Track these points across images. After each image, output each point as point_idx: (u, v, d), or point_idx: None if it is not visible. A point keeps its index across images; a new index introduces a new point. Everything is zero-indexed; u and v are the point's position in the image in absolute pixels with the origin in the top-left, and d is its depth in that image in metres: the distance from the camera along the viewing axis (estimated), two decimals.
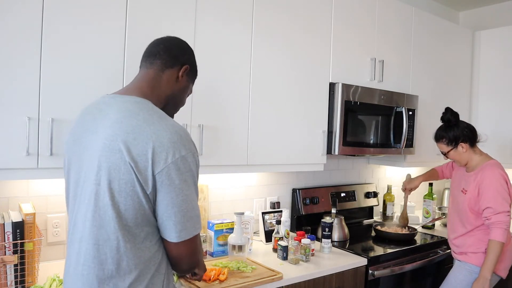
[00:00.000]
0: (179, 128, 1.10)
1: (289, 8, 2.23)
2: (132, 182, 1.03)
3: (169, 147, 1.04)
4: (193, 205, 1.09)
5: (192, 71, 1.29)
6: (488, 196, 2.10)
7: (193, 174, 1.09)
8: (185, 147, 1.07)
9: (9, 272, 1.55)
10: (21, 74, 1.47)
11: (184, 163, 1.05)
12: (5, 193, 1.78)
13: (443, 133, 2.25)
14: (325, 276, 2.04)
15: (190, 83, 1.29)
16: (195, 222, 1.10)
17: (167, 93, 1.21)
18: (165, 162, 1.03)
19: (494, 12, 3.69)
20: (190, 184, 1.07)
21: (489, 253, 2.05)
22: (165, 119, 1.10)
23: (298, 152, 2.31)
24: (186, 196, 1.06)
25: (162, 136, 1.05)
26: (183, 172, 1.05)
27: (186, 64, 1.25)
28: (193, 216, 1.09)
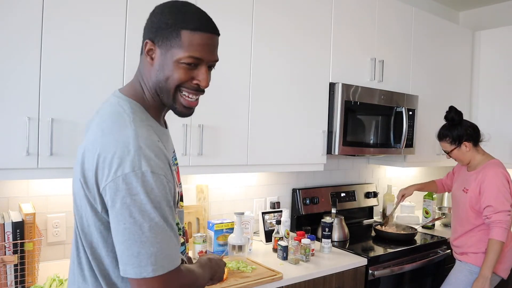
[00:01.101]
0: (133, 141, 0.88)
1: (289, 8, 2.23)
2: (84, 198, 0.93)
3: (112, 162, 0.86)
4: (141, 238, 0.85)
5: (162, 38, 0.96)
6: (489, 195, 2.10)
7: (141, 199, 0.85)
8: (131, 164, 0.85)
9: (9, 272, 1.55)
10: (21, 74, 1.47)
11: (127, 184, 0.85)
12: (5, 193, 1.78)
13: (446, 132, 2.25)
14: (325, 276, 2.04)
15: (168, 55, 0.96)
16: (146, 259, 0.85)
17: (150, 84, 1.00)
18: (106, 179, 0.87)
19: (494, 12, 3.69)
20: (135, 211, 0.85)
21: (489, 252, 2.05)
22: (123, 129, 0.91)
23: (298, 152, 2.31)
24: (130, 224, 0.85)
25: (108, 149, 0.88)
26: (126, 194, 0.85)
27: (145, 39, 0.99)
28: (142, 252, 0.85)
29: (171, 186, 0.92)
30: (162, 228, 0.87)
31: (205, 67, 0.98)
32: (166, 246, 0.88)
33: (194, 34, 0.95)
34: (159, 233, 0.87)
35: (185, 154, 1.88)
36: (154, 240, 0.86)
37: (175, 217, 0.99)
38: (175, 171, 1.06)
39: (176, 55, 0.95)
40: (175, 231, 0.91)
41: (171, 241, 0.89)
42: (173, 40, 0.95)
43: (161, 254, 0.86)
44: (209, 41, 0.97)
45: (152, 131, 0.96)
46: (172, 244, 0.90)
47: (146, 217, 0.85)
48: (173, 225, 0.91)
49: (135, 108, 0.98)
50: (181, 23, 0.94)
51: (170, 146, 1.11)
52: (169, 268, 0.88)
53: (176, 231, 0.92)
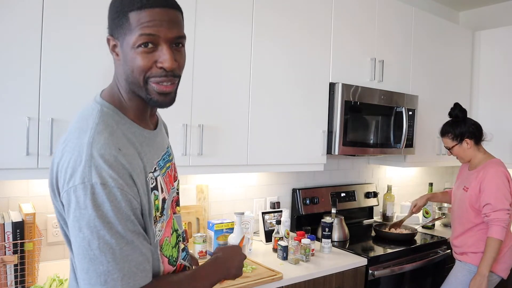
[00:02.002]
0: (87, 149, 0.82)
1: (289, 8, 2.23)
2: (56, 212, 0.90)
3: (67, 171, 0.82)
4: (89, 255, 0.78)
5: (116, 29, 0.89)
6: (489, 193, 2.10)
7: (89, 214, 0.78)
8: (81, 174, 0.79)
9: (9, 272, 1.55)
10: (21, 74, 1.47)
11: (76, 196, 0.79)
12: (5, 193, 1.78)
13: (449, 128, 2.26)
14: (325, 276, 2.04)
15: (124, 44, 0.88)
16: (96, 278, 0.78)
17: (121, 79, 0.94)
18: (62, 189, 0.83)
19: (494, 12, 3.69)
20: (83, 225, 0.78)
21: (487, 250, 2.05)
22: (81, 136, 0.85)
23: (298, 152, 2.31)
24: (80, 238, 0.79)
25: (66, 156, 0.84)
26: (75, 207, 0.79)
27: (107, 36, 0.93)
28: (91, 269, 0.79)
29: (131, 198, 0.84)
30: (114, 246, 0.79)
31: (166, 45, 0.87)
32: (121, 266, 0.80)
33: (142, 12, 0.85)
34: (109, 252, 0.79)
35: (185, 154, 1.88)
36: (104, 258, 0.79)
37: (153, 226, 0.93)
38: (162, 176, 1.00)
39: (130, 41, 0.86)
40: (136, 247, 0.83)
41: (128, 260, 0.81)
42: (125, 26, 0.86)
43: (113, 274, 0.79)
44: (162, 16, 0.86)
45: (118, 137, 0.88)
46: (130, 263, 0.81)
47: (94, 233, 0.79)
48: (134, 240, 0.82)
49: (106, 111, 0.91)
50: (127, 6, 0.85)
51: (155, 149, 1.01)
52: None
53: (142, 244, 0.84)
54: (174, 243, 1.05)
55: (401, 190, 3.48)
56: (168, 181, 1.04)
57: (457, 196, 2.31)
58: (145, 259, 0.85)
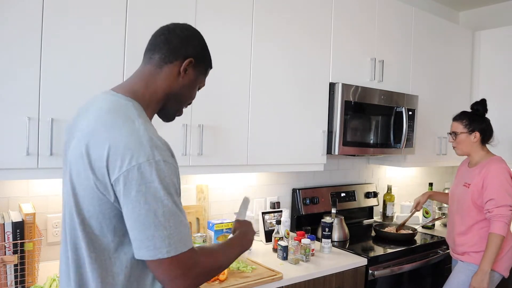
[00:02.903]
0: (144, 134, 0.95)
1: (289, 9, 2.23)
2: (92, 189, 0.95)
3: (125, 153, 0.92)
4: (155, 222, 0.91)
5: (201, 61, 1.14)
6: (492, 189, 2.10)
7: (155, 186, 0.92)
8: (144, 154, 0.92)
9: (9, 272, 1.55)
10: (21, 74, 1.47)
11: (141, 172, 0.91)
12: (5, 193, 1.78)
13: (465, 116, 2.26)
14: (325, 276, 2.04)
15: (199, 76, 1.15)
16: (160, 242, 0.92)
17: (166, 91, 1.10)
18: (119, 169, 0.92)
19: (494, 12, 3.69)
20: (150, 197, 0.91)
21: (489, 246, 2.05)
22: (131, 123, 0.97)
23: (298, 152, 2.31)
24: (145, 210, 0.91)
25: (118, 141, 0.93)
26: (140, 182, 0.91)
27: (190, 57, 1.10)
28: (156, 235, 0.91)
29: (178, 176, 1.00)
30: (174, 213, 0.94)
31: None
32: (178, 230, 0.94)
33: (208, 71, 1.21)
34: (171, 218, 0.93)
35: (185, 154, 1.88)
36: (167, 224, 0.92)
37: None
38: None
39: (201, 82, 1.19)
40: (185, 216, 0.98)
41: (181, 225, 0.95)
42: (203, 70, 1.17)
43: (174, 237, 0.93)
44: None
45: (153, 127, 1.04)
46: (183, 227, 0.96)
47: (159, 203, 0.92)
48: (183, 211, 0.98)
49: (138, 106, 1.04)
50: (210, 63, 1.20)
51: None
52: (182, 250, 0.94)
53: (185, 216, 0.99)
54: None
55: (401, 190, 3.48)
56: None
57: (458, 193, 2.30)
58: (189, 226, 1.00)
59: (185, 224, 0.97)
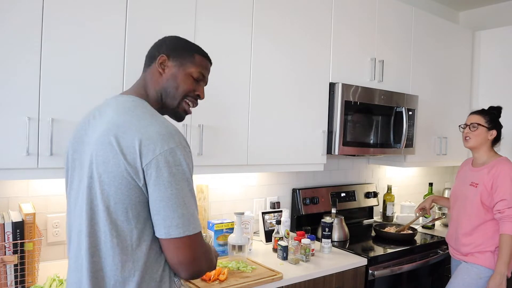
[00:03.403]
0: (169, 124, 1.09)
1: (289, 9, 2.23)
2: (122, 175, 1.02)
3: (157, 140, 1.03)
4: (184, 201, 1.03)
5: (176, 54, 1.22)
6: (504, 189, 2.10)
7: (184, 169, 1.04)
8: (174, 140, 1.04)
9: (9, 272, 1.55)
10: (21, 74, 1.47)
11: (173, 156, 1.02)
12: (5, 193, 1.78)
13: (488, 113, 2.26)
14: (325, 276, 2.04)
15: (182, 65, 1.22)
16: (187, 220, 1.03)
17: (156, 88, 1.21)
18: (153, 153, 1.01)
19: (494, 12, 3.69)
20: (180, 178, 1.03)
21: (502, 247, 2.05)
22: (157, 116, 1.11)
23: (298, 152, 2.31)
24: (176, 190, 1.02)
25: (150, 130, 1.05)
26: (172, 165, 1.02)
27: (161, 54, 1.22)
28: (185, 213, 1.03)
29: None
30: (193, 195, 1.07)
31: (203, 84, 1.28)
32: (191, 213, 1.05)
33: (203, 59, 1.26)
34: (193, 198, 1.06)
35: None
36: (193, 202, 1.06)
37: None
38: None
39: (189, 69, 1.23)
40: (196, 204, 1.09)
41: (194, 210, 1.07)
42: (188, 58, 1.23)
43: (194, 216, 1.05)
44: (209, 67, 1.30)
45: None
46: (195, 213, 1.07)
47: (186, 184, 1.04)
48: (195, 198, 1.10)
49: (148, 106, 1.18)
50: (195, 49, 1.26)
51: None
52: (199, 229, 1.07)
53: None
54: None
55: (401, 190, 3.48)
56: None
57: (463, 193, 2.28)
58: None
59: (195, 209, 1.07)
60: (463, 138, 2.31)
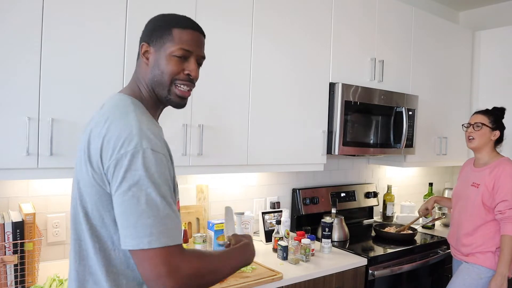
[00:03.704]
0: (135, 124, 0.98)
1: (289, 9, 2.23)
2: (91, 183, 0.99)
3: (116, 142, 0.95)
4: (142, 210, 0.91)
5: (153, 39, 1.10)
6: (505, 190, 2.09)
7: (141, 174, 0.92)
8: (134, 142, 0.94)
9: (9, 272, 1.55)
10: (21, 74, 1.47)
11: (129, 160, 0.92)
12: (5, 193, 1.78)
13: (492, 114, 2.26)
14: (325, 276, 2.04)
15: (162, 47, 1.09)
16: (142, 231, 0.90)
17: (147, 81, 1.11)
18: (110, 157, 0.94)
19: (494, 12, 3.69)
20: (134, 184, 0.92)
21: (503, 248, 2.04)
22: (125, 116, 1.01)
23: (298, 152, 2.31)
24: (130, 197, 0.91)
25: (112, 131, 0.97)
26: (126, 169, 0.92)
27: (141, 43, 1.12)
28: (141, 224, 0.90)
29: (171, 167, 1.01)
30: (159, 204, 0.92)
31: (194, 59, 1.11)
32: (163, 221, 0.92)
33: (184, 31, 1.10)
34: (154, 207, 0.92)
35: (185, 154, 1.88)
36: (151, 213, 0.91)
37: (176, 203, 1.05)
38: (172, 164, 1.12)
39: (169, 49, 1.08)
40: (174, 211, 0.96)
41: (167, 217, 0.93)
42: (166, 37, 1.09)
43: (158, 227, 0.91)
44: (196, 37, 1.12)
45: (153, 122, 1.07)
46: (169, 220, 0.93)
47: (143, 191, 0.91)
48: (172, 204, 0.96)
49: (136, 103, 1.09)
50: (172, 23, 1.10)
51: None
52: (166, 243, 0.91)
53: (176, 212, 0.97)
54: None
55: (401, 190, 3.48)
56: None
57: (464, 194, 2.28)
58: (179, 222, 0.97)
59: (171, 218, 0.94)
60: (466, 138, 2.30)
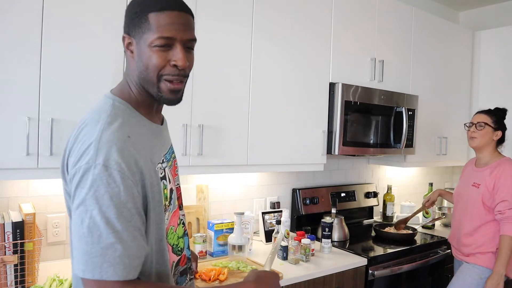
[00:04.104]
0: (97, 134, 0.86)
1: (289, 8, 2.23)
2: (65, 193, 0.94)
3: (77, 153, 0.86)
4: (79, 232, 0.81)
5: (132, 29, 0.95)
6: (505, 190, 2.10)
7: (84, 193, 0.81)
8: (89, 156, 0.83)
9: (9, 272, 1.55)
10: (21, 74, 1.47)
11: (81, 176, 0.83)
12: (5, 193, 1.78)
13: (495, 114, 2.26)
14: (325, 276, 2.04)
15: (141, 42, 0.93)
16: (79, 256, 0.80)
17: (135, 79, 0.97)
18: (71, 169, 0.87)
19: (494, 12, 3.69)
20: (79, 204, 0.81)
21: (502, 248, 2.05)
22: (93, 125, 0.89)
23: (298, 152, 2.31)
24: (74, 217, 0.82)
25: (78, 140, 0.89)
26: (76, 187, 0.83)
27: (123, 35, 0.98)
28: (81, 250, 0.80)
29: (131, 184, 0.85)
30: (102, 230, 0.80)
31: (180, 46, 0.93)
32: (102, 251, 0.79)
33: (161, 14, 0.91)
34: (95, 233, 0.80)
35: (185, 154, 1.88)
36: (90, 239, 0.80)
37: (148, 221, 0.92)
38: (169, 168, 1.04)
39: (148, 39, 0.92)
40: (121, 240, 0.81)
41: (110, 249, 0.79)
42: (143, 26, 0.92)
43: (95, 257, 0.79)
44: (178, 19, 0.93)
45: (129, 127, 0.92)
46: (111, 250, 0.79)
47: (88, 212, 0.81)
48: (123, 232, 0.81)
49: (118, 105, 0.96)
50: (147, 7, 0.92)
51: (162, 142, 1.06)
52: (101, 277, 0.79)
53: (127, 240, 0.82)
54: (181, 234, 1.09)
55: (401, 190, 3.48)
56: (173, 174, 1.09)
57: (465, 193, 2.28)
58: (133, 253, 0.82)
59: (114, 249, 0.79)
60: (468, 137, 2.30)
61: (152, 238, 0.94)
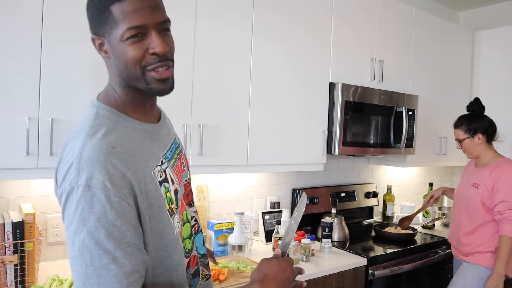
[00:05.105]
0: (78, 151, 0.81)
1: (289, 9, 2.23)
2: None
3: (61, 174, 0.82)
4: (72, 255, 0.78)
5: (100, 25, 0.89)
6: (504, 191, 2.10)
7: (71, 214, 0.78)
8: (72, 176, 0.79)
9: (9, 272, 1.55)
10: (21, 74, 1.47)
11: (66, 198, 0.80)
12: (5, 193, 1.78)
13: (463, 121, 2.27)
14: (325, 276, 2.04)
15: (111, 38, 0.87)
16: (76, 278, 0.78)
17: (116, 78, 0.91)
18: (57, 188, 0.84)
19: (494, 12, 3.69)
20: (69, 226, 0.79)
21: (501, 248, 2.05)
22: (75, 141, 0.84)
23: (298, 152, 2.31)
24: (68, 238, 0.79)
25: (61, 160, 0.85)
26: (64, 208, 0.81)
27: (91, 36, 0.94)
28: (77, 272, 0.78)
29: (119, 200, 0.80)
30: (93, 251, 0.77)
31: (154, 32, 0.86)
32: (98, 272, 0.77)
33: (123, 3, 0.83)
34: (87, 255, 0.77)
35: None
36: (83, 261, 0.77)
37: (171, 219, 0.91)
38: (172, 167, 0.98)
39: (118, 34, 0.84)
40: (115, 260, 0.78)
41: (104, 269, 0.77)
42: (109, 21, 0.85)
43: (90, 279, 0.77)
44: (143, 3, 0.84)
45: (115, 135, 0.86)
46: (105, 273, 0.77)
47: (77, 234, 0.78)
48: (115, 250, 0.78)
49: (102, 113, 0.90)
50: (107, 0, 0.84)
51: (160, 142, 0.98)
52: None
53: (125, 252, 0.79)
54: (187, 235, 1.04)
55: (401, 190, 3.48)
56: (178, 172, 1.02)
57: (465, 194, 2.28)
58: (129, 270, 0.79)
59: (109, 269, 0.76)
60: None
61: (154, 246, 0.90)
